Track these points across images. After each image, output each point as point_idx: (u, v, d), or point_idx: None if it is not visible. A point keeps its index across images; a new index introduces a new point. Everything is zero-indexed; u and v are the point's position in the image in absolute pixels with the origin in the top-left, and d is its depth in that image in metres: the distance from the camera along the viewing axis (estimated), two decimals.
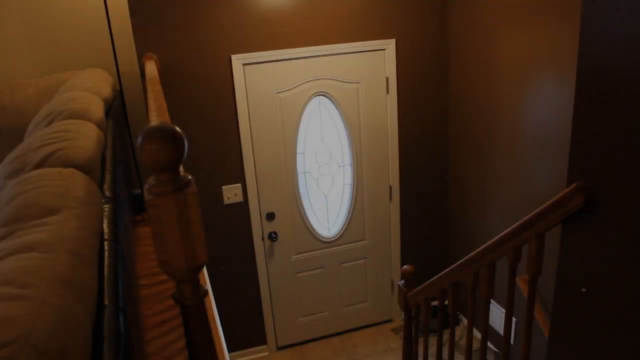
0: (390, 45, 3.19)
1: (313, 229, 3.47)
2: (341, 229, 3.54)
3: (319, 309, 3.66)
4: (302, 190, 3.38)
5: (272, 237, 3.37)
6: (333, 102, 3.27)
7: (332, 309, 3.69)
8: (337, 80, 3.21)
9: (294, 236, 3.43)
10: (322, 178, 3.43)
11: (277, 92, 3.13)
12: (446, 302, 2.20)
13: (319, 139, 3.35)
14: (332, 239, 3.54)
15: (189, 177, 0.71)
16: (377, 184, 3.50)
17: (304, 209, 3.41)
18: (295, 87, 3.15)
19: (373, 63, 3.23)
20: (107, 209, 1.04)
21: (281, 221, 3.37)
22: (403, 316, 2.62)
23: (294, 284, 3.53)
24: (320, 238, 3.51)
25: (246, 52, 2.94)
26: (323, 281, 3.60)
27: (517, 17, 2.63)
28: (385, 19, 3.13)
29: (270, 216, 3.33)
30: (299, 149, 3.30)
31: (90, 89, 1.80)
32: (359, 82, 3.25)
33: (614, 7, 1.21)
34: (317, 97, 3.23)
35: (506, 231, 1.70)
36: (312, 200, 3.44)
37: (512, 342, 2.87)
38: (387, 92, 3.30)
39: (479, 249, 1.85)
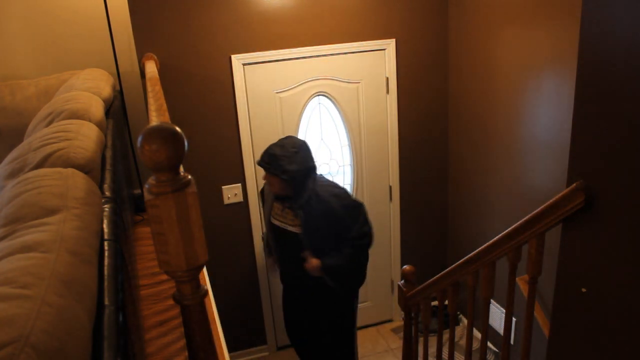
0: (390, 45, 3.19)
1: None
2: None
3: None
4: None
5: None
6: (333, 102, 3.26)
7: None
8: (337, 80, 3.20)
9: None
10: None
11: (277, 92, 3.12)
12: (446, 302, 2.19)
13: (319, 138, 3.35)
14: None
15: (189, 177, 0.71)
16: (377, 184, 3.49)
17: None
18: (295, 87, 3.15)
19: (373, 63, 3.23)
20: (107, 209, 1.04)
21: None
22: (403, 316, 2.62)
23: None
24: None
25: (246, 52, 2.94)
26: None
27: (517, 16, 2.63)
28: (385, 19, 3.13)
29: None
30: None
31: (90, 88, 1.80)
32: (359, 82, 3.25)
33: (614, 7, 1.21)
34: (317, 97, 3.23)
35: (506, 231, 1.70)
36: None
37: (512, 342, 2.87)
38: (387, 92, 3.30)
39: (479, 249, 1.85)
